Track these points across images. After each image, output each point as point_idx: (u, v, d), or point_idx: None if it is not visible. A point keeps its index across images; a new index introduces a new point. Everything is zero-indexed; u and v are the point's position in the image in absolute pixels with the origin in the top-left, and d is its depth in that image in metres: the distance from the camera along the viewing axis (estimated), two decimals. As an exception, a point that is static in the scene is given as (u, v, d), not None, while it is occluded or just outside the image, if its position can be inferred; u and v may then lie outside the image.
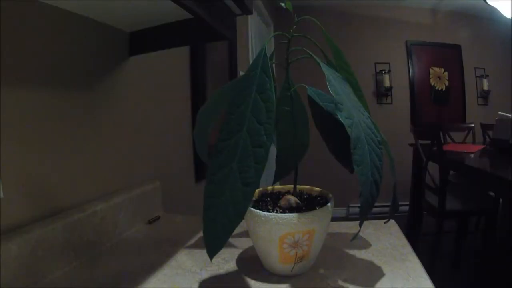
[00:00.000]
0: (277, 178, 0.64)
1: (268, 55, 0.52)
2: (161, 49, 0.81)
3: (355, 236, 0.51)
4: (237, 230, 0.72)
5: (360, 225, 0.46)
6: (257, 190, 0.59)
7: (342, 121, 0.42)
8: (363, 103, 0.50)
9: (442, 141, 2.75)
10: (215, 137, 0.42)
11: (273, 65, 0.55)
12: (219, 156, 0.40)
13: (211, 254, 0.40)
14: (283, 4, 0.49)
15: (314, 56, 0.47)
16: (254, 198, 0.57)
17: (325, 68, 0.45)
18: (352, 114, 0.43)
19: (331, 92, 0.43)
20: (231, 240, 0.66)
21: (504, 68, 3.34)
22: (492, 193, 2.12)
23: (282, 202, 0.52)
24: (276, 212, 0.49)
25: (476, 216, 2.52)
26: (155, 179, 0.89)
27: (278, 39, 0.52)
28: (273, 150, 0.66)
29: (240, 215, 0.38)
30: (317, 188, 0.59)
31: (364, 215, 0.44)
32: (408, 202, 2.59)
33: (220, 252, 0.60)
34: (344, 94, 0.44)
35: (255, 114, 0.40)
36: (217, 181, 0.39)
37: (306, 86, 0.56)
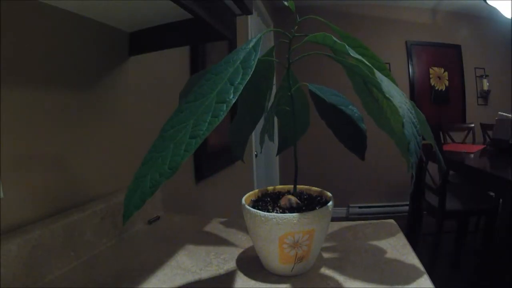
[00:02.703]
0: (279, 152, 0.67)
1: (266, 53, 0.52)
2: (161, 49, 0.81)
3: (412, 186, 0.47)
4: (237, 229, 0.72)
5: (412, 166, 0.39)
6: (257, 190, 0.59)
7: (365, 61, 0.38)
8: (391, 79, 0.46)
9: (442, 141, 2.76)
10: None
11: (274, 63, 0.55)
12: (179, 115, 0.38)
13: (128, 213, 0.34)
14: (286, 3, 0.49)
15: (332, 35, 0.44)
16: (254, 198, 0.57)
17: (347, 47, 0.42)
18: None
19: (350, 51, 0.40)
20: (231, 239, 0.66)
21: (504, 68, 3.34)
22: (492, 193, 2.12)
23: (282, 202, 0.52)
24: (276, 212, 0.49)
25: (476, 216, 2.52)
26: (155, 179, 0.89)
27: (278, 39, 0.52)
28: (273, 146, 0.66)
29: (174, 168, 0.33)
30: (317, 188, 0.59)
31: (412, 154, 0.38)
32: (408, 202, 2.59)
33: (220, 252, 0.60)
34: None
35: (231, 79, 0.38)
36: (167, 137, 0.37)
37: (307, 84, 0.56)
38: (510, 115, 2.10)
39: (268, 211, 0.49)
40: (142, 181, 0.34)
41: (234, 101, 0.36)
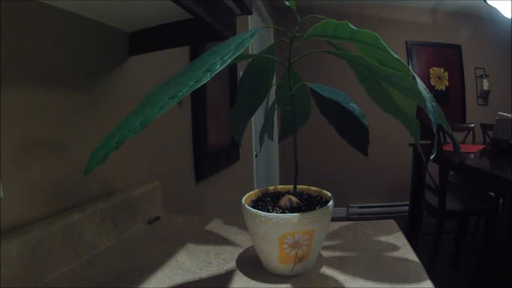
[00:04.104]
0: (280, 139, 0.70)
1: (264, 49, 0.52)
2: (161, 49, 0.81)
3: (434, 150, 0.45)
4: (237, 229, 0.72)
5: (437, 133, 0.39)
6: (257, 190, 0.59)
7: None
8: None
9: (442, 141, 2.75)
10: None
11: (275, 61, 0.55)
12: (164, 86, 0.38)
13: (90, 168, 0.33)
14: (287, 3, 0.49)
15: (333, 20, 0.43)
16: (254, 198, 0.57)
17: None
18: None
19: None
20: (231, 239, 0.67)
21: (504, 68, 3.34)
22: (492, 193, 2.12)
23: (282, 202, 0.52)
24: (276, 212, 0.49)
25: (476, 216, 2.52)
26: (155, 179, 0.89)
27: (278, 39, 0.52)
28: (273, 146, 0.66)
29: (144, 124, 0.32)
30: (316, 188, 0.59)
31: (430, 112, 0.37)
32: (408, 202, 2.59)
33: (220, 252, 0.60)
34: None
35: (222, 56, 0.38)
36: (146, 103, 0.36)
37: (308, 83, 0.56)
38: (510, 115, 2.10)
39: (268, 211, 0.49)
40: (110, 139, 0.34)
41: (219, 70, 0.35)
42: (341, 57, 0.47)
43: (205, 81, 0.35)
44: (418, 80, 0.38)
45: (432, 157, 0.42)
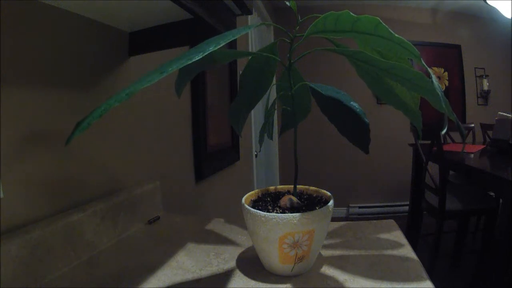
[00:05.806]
0: (281, 132, 0.71)
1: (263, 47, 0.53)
2: (161, 49, 0.81)
3: (444, 125, 0.45)
4: (237, 229, 0.72)
5: (442, 100, 0.38)
6: (257, 190, 0.59)
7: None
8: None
9: (442, 141, 2.75)
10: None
11: (276, 60, 0.56)
12: (158, 69, 0.38)
13: (74, 134, 0.34)
14: (287, 3, 0.49)
15: (333, 12, 0.43)
16: (254, 198, 0.57)
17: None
18: None
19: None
20: (231, 239, 0.67)
21: (504, 68, 3.34)
22: (492, 193, 2.12)
23: (282, 202, 0.52)
24: (276, 212, 0.49)
25: (476, 216, 2.52)
26: (155, 179, 0.89)
27: (278, 37, 0.52)
28: (273, 146, 0.66)
29: (131, 93, 0.33)
30: (316, 188, 0.59)
31: (437, 88, 0.37)
32: (408, 202, 2.59)
33: (220, 252, 0.61)
34: None
35: (217, 42, 0.38)
36: (136, 81, 0.37)
37: (307, 83, 0.56)
38: (510, 115, 2.10)
39: (268, 211, 0.49)
40: (97, 110, 0.34)
41: (210, 51, 0.36)
42: (341, 53, 0.47)
43: (197, 59, 0.35)
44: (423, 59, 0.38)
45: (443, 132, 0.42)
